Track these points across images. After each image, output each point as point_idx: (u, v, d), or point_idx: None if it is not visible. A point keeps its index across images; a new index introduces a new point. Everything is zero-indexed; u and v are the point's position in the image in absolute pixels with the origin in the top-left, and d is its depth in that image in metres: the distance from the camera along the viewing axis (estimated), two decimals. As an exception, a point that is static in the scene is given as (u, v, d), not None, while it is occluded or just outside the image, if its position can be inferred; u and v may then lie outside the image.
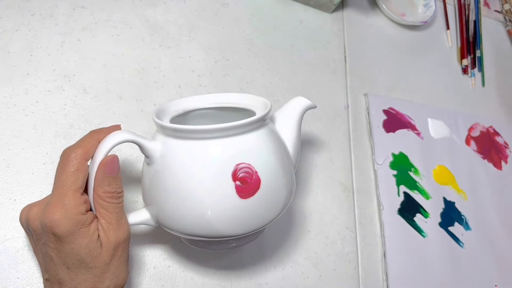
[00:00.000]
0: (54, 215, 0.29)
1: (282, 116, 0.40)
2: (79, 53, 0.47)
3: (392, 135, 0.58)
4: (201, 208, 0.32)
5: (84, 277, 0.30)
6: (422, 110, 0.63)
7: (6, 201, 0.39)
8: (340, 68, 0.61)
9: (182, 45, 0.53)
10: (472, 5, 0.76)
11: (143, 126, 0.46)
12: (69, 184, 0.30)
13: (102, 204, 0.31)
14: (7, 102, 0.42)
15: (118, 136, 0.31)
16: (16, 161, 0.40)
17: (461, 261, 0.54)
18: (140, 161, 0.44)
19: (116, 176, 0.32)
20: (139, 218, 0.35)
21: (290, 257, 0.46)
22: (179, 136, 0.32)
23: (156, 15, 0.53)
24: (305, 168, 0.52)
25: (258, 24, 0.58)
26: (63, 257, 0.30)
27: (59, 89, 0.45)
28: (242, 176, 0.32)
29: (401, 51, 0.67)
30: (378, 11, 0.69)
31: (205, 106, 0.40)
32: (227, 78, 0.53)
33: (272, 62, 0.56)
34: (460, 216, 0.57)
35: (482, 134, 0.66)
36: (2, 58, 0.44)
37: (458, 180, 0.60)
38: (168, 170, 0.32)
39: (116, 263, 0.32)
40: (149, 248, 0.42)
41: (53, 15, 0.48)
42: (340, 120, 0.57)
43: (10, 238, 0.38)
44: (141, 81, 0.49)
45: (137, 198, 0.43)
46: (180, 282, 0.41)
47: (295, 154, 0.39)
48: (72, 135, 0.43)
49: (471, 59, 0.72)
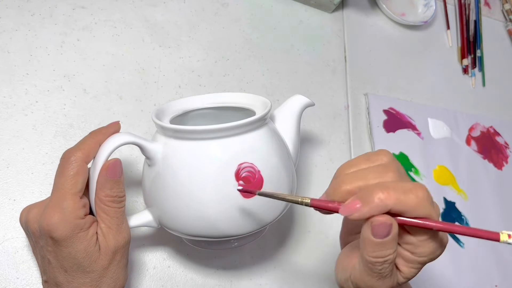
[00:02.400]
0: (51, 219, 0.29)
1: (281, 115, 0.40)
2: (79, 53, 0.47)
3: (392, 135, 0.58)
4: (204, 208, 0.32)
5: (82, 281, 0.30)
6: (422, 110, 0.63)
7: (6, 201, 0.39)
8: (340, 68, 0.61)
9: (182, 45, 0.52)
10: (472, 5, 0.76)
11: (143, 126, 0.46)
12: (68, 187, 0.30)
13: (103, 208, 0.31)
14: (7, 102, 0.42)
15: (119, 139, 0.31)
16: (16, 161, 0.40)
17: (461, 261, 0.54)
18: (140, 161, 0.44)
19: (118, 180, 0.31)
20: (141, 221, 0.35)
21: (290, 257, 0.46)
22: (180, 137, 0.32)
23: (156, 15, 0.53)
24: (305, 168, 0.52)
25: (258, 24, 0.58)
26: (60, 261, 0.30)
27: (59, 89, 0.45)
28: (245, 175, 0.32)
29: (401, 51, 0.67)
30: (378, 11, 0.68)
31: (205, 106, 0.40)
32: (227, 78, 0.53)
33: (272, 62, 0.56)
34: (461, 216, 0.57)
35: (483, 134, 0.66)
36: (2, 58, 0.44)
37: (459, 180, 0.60)
38: (170, 171, 0.32)
39: (115, 267, 0.32)
40: (149, 248, 0.42)
41: (53, 15, 0.48)
42: (340, 120, 0.57)
43: (10, 238, 0.38)
44: (141, 81, 0.48)
45: (137, 198, 0.43)
46: (180, 282, 0.41)
47: (295, 152, 0.39)
48: (71, 135, 0.43)
49: (472, 59, 0.72)
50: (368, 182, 0.26)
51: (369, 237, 0.25)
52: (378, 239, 0.25)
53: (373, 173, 0.26)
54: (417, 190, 0.24)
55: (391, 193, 0.24)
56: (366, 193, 0.25)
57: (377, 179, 0.26)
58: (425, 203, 0.24)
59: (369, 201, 0.24)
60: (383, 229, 0.24)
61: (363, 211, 0.24)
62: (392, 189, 0.24)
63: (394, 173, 0.25)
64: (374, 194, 0.24)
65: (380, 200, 0.24)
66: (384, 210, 0.24)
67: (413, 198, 0.24)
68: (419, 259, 0.26)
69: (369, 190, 0.25)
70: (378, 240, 0.25)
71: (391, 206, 0.24)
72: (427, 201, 0.24)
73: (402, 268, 0.27)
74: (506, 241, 0.23)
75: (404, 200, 0.24)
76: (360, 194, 0.25)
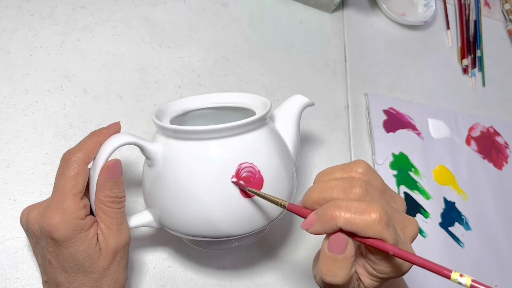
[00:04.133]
0: (52, 219, 0.29)
1: (281, 115, 0.40)
2: (79, 53, 0.47)
3: (392, 135, 0.58)
4: (204, 208, 0.32)
5: (82, 281, 0.30)
6: (422, 110, 0.63)
7: (6, 201, 0.39)
8: (340, 68, 0.61)
9: (182, 45, 0.52)
10: (472, 5, 0.76)
11: (143, 126, 0.46)
12: (69, 188, 0.30)
13: (103, 208, 0.31)
14: (7, 102, 0.42)
15: (119, 139, 0.31)
16: (16, 161, 0.40)
17: (461, 261, 0.54)
18: (140, 162, 0.44)
19: (118, 181, 0.32)
20: (141, 221, 0.35)
21: (290, 257, 0.46)
22: (180, 137, 0.32)
23: (156, 15, 0.53)
24: (305, 168, 0.52)
25: (258, 24, 0.58)
26: (61, 261, 0.30)
27: (59, 89, 0.45)
28: (245, 175, 0.32)
29: (401, 51, 0.67)
30: (378, 11, 0.68)
31: (205, 106, 0.40)
32: (227, 78, 0.53)
33: (272, 62, 0.56)
34: (461, 216, 0.57)
35: (483, 134, 0.66)
36: (2, 58, 0.44)
37: (458, 180, 0.60)
38: (170, 172, 0.32)
39: (115, 268, 0.32)
40: (149, 248, 0.42)
41: (53, 15, 0.48)
42: (340, 120, 0.57)
43: (10, 238, 0.38)
44: (141, 81, 0.49)
45: (137, 198, 0.43)
46: (180, 282, 0.41)
47: (295, 152, 0.39)
48: (71, 135, 0.43)
49: (472, 59, 0.72)
50: (332, 195, 0.26)
51: (324, 250, 0.26)
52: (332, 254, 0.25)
53: (340, 187, 0.26)
54: (370, 212, 0.24)
55: (342, 213, 0.24)
56: (321, 210, 0.25)
57: (341, 193, 0.26)
58: (376, 225, 0.24)
59: (322, 218, 0.25)
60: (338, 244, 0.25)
61: (317, 227, 0.25)
62: (345, 208, 0.24)
63: (360, 189, 0.26)
64: (327, 212, 0.25)
65: (331, 218, 0.25)
66: (335, 228, 0.25)
67: (364, 219, 0.24)
68: (379, 275, 0.27)
69: (325, 207, 0.25)
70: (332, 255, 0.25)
71: (341, 225, 0.24)
72: (379, 224, 0.24)
73: (364, 279, 0.28)
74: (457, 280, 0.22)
75: (354, 220, 0.24)
76: (317, 210, 0.26)
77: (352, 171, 0.28)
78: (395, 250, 0.24)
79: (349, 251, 0.25)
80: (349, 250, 0.25)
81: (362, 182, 0.26)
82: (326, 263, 0.26)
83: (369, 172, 0.28)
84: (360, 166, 0.28)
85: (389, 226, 0.24)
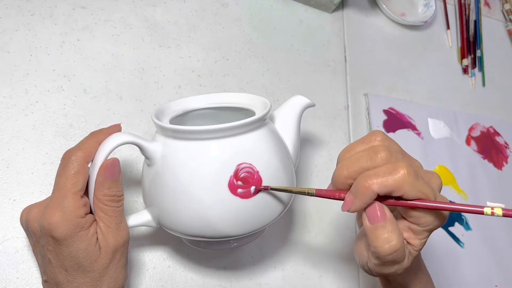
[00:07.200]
0: (52, 218, 0.29)
1: (281, 115, 0.40)
2: (79, 53, 0.47)
3: (392, 135, 0.58)
4: (203, 208, 0.32)
5: (82, 280, 0.30)
6: (422, 110, 0.63)
7: (6, 201, 0.39)
8: (340, 68, 0.61)
9: (182, 45, 0.52)
10: (472, 5, 0.76)
11: (143, 126, 0.46)
12: (69, 186, 0.30)
13: (102, 207, 0.31)
14: (7, 102, 0.42)
15: (118, 138, 0.31)
16: (16, 161, 0.40)
17: (461, 261, 0.54)
18: (140, 161, 0.44)
19: (117, 180, 0.32)
20: (140, 220, 0.35)
21: (290, 257, 0.46)
22: (179, 137, 0.32)
23: (156, 15, 0.53)
24: (305, 168, 0.52)
25: (258, 24, 0.58)
26: (61, 260, 0.30)
27: (59, 89, 0.45)
28: (244, 176, 0.32)
29: (401, 51, 0.67)
30: (378, 11, 0.68)
31: (205, 106, 0.40)
32: (227, 78, 0.53)
33: (272, 62, 0.56)
34: (461, 216, 0.57)
35: (483, 134, 0.66)
36: (2, 58, 0.44)
37: (458, 180, 0.60)
38: (169, 171, 0.32)
39: (115, 267, 0.32)
40: (148, 248, 0.42)
41: (53, 15, 0.48)
42: (340, 120, 0.57)
43: (10, 238, 0.38)
44: (141, 81, 0.49)
45: (137, 198, 0.43)
46: (180, 282, 0.41)
47: (295, 153, 0.39)
48: (71, 135, 0.43)
49: (472, 59, 0.72)
50: (361, 165, 0.27)
51: (367, 226, 0.27)
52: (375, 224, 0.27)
53: (365, 157, 0.27)
54: (398, 170, 0.26)
55: (373, 179, 0.26)
56: (355, 187, 0.27)
57: (368, 161, 0.27)
58: (407, 179, 0.26)
59: (358, 193, 0.27)
60: (376, 212, 0.27)
61: (357, 204, 0.27)
62: (374, 175, 0.26)
63: (385, 153, 0.27)
64: (360, 185, 0.26)
65: (366, 188, 0.26)
66: (373, 196, 0.26)
67: (395, 178, 0.26)
68: (425, 228, 0.28)
69: (357, 182, 0.27)
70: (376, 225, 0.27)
71: (377, 190, 0.26)
72: (409, 177, 0.26)
73: (413, 241, 0.29)
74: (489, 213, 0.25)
75: (387, 182, 0.26)
76: (352, 189, 0.27)
77: (372, 141, 0.29)
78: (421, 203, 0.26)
79: (389, 213, 0.27)
80: (389, 213, 0.27)
81: (384, 147, 0.27)
82: (376, 235, 0.27)
83: (387, 138, 0.29)
84: (378, 135, 0.29)
85: (418, 177, 0.26)
